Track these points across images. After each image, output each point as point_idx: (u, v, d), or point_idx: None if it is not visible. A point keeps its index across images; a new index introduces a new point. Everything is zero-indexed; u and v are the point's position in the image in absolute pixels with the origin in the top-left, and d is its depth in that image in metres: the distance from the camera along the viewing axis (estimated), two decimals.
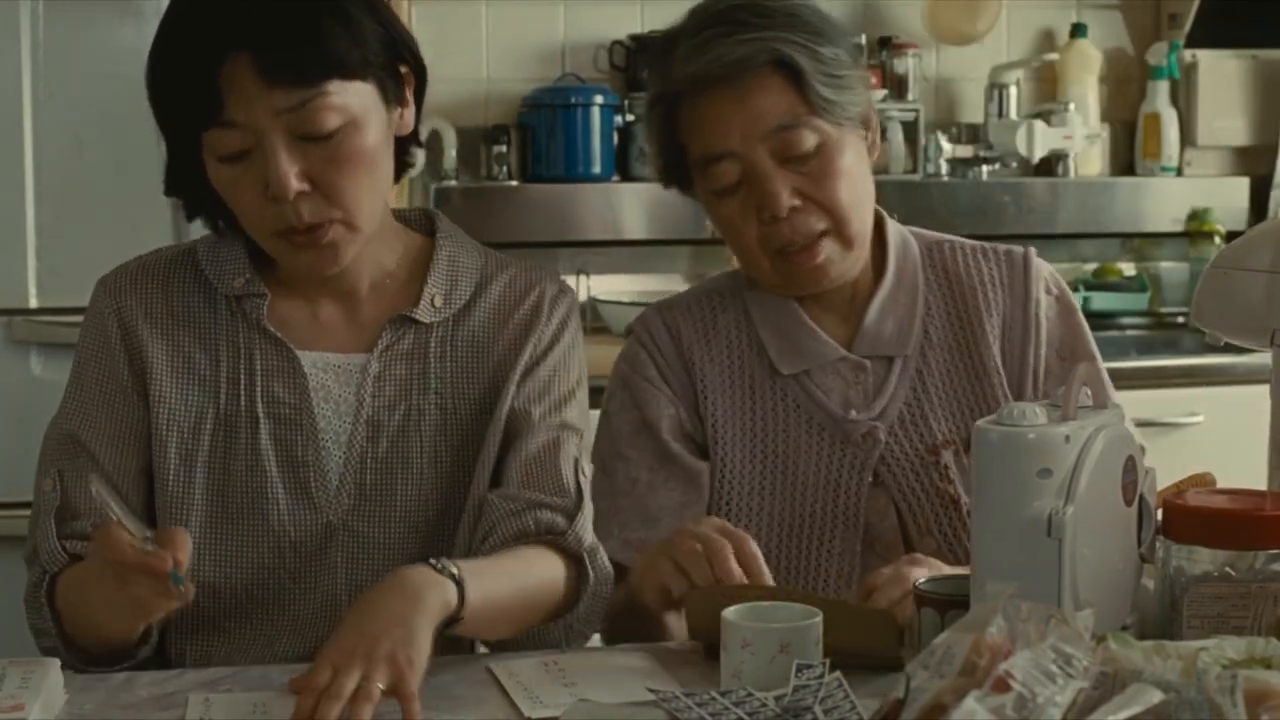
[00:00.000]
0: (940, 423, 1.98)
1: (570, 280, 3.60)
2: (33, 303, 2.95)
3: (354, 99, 1.70)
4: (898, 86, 3.87)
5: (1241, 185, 4.04)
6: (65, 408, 1.83)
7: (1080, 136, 3.90)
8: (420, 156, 3.60)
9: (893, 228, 2.05)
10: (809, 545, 1.96)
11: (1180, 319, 3.83)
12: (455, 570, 1.63)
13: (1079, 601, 1.54)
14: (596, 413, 2.01)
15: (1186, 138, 4.00)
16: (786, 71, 1.90)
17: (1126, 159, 4.07)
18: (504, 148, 3.69)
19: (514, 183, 3.70)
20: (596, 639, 1.85)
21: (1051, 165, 3.95)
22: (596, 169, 3.71)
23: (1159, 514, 1.66)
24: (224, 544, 1.80)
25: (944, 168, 3.88)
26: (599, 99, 3.68)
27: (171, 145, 1.76)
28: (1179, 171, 4.01)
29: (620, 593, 1.85)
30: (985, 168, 3.93)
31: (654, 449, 1.99)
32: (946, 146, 3.88)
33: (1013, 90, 3.93)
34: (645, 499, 1.98)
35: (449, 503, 1.82)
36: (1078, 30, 3.97)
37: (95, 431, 1.79)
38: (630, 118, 3.74)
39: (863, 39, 3.69)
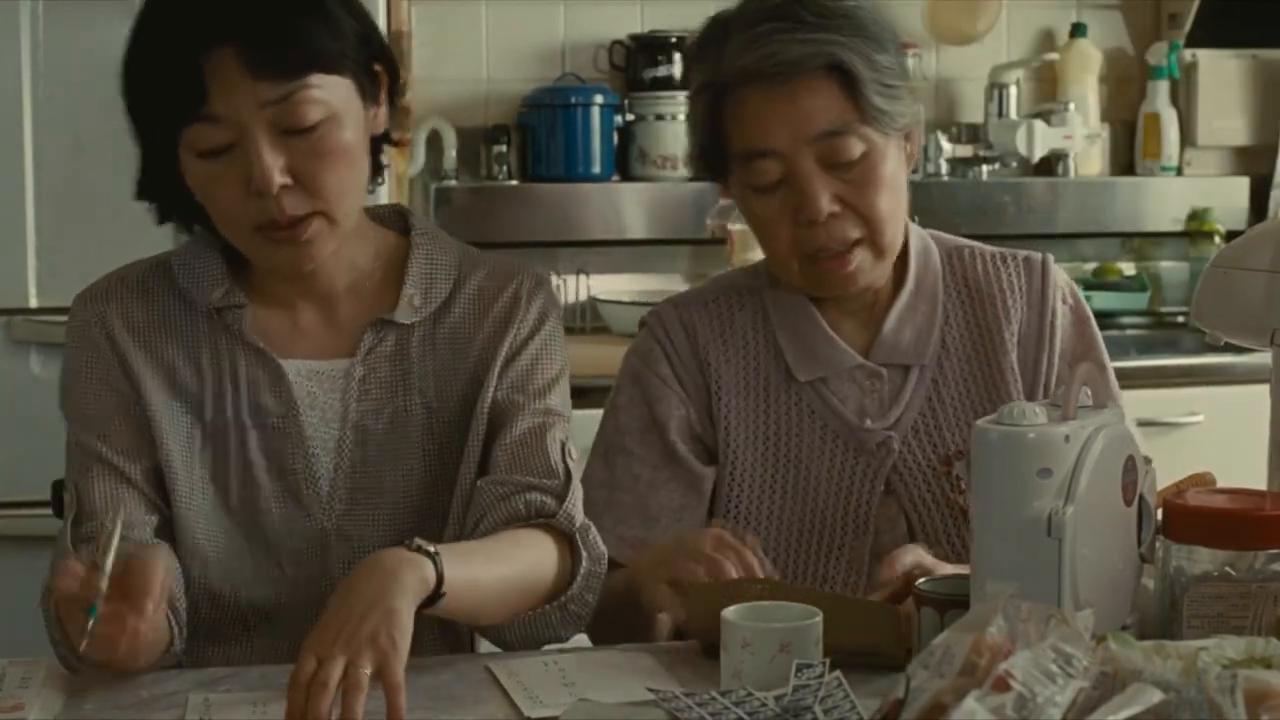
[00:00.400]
0: (954, 433, 1.97)
1: (570, 280, 3.67)
2: (33, 303, 2.95)
3: (334, 93, 1.71)
4: None
5: (1241, 185, 4.03)
6: (70, 424, 1.82)
7: (1080, 136, 3.90)
8: (420, 156, 3.62)
9: (915, 234, 2.03)
10: (817, 552, 1.96)
11: (1180, 319, 3.82)
12: (431, 548, 1.62)
13: (1079, 601, 1.54)
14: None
15: (1186, 138, 4.00)
16: (841, 76, 1.88)
17: (1126, 159, 4.07)
18: (504, 148, 3.69)
19: (514, 183, 3.70)
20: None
21: (1051, 165, 3.94)
22: (596, 169, 3.70)
23: (1159, 514, 1.66)
24: (225, 554, 1.80)
25: (944, 168, 3.88)
26: (599, 99, 3.68)
27: (147, 145, 1.75)
28: (1179, 171, 4.01)
29: (614, 582, 1.84)
30: (985, 168, 3.93)
31: (660, 448, 1.99)
32: (946, 146, 3.88)
33: (1013, 90, 3.93)
34: (646, 497, 1.97)
35: (437, 499, 1.82)
36: (1078, 30, 3.96)
37: (102, 435, 1.79)
38: (630, 117, 3.74)
39: None
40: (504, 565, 1.72)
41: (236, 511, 1.80)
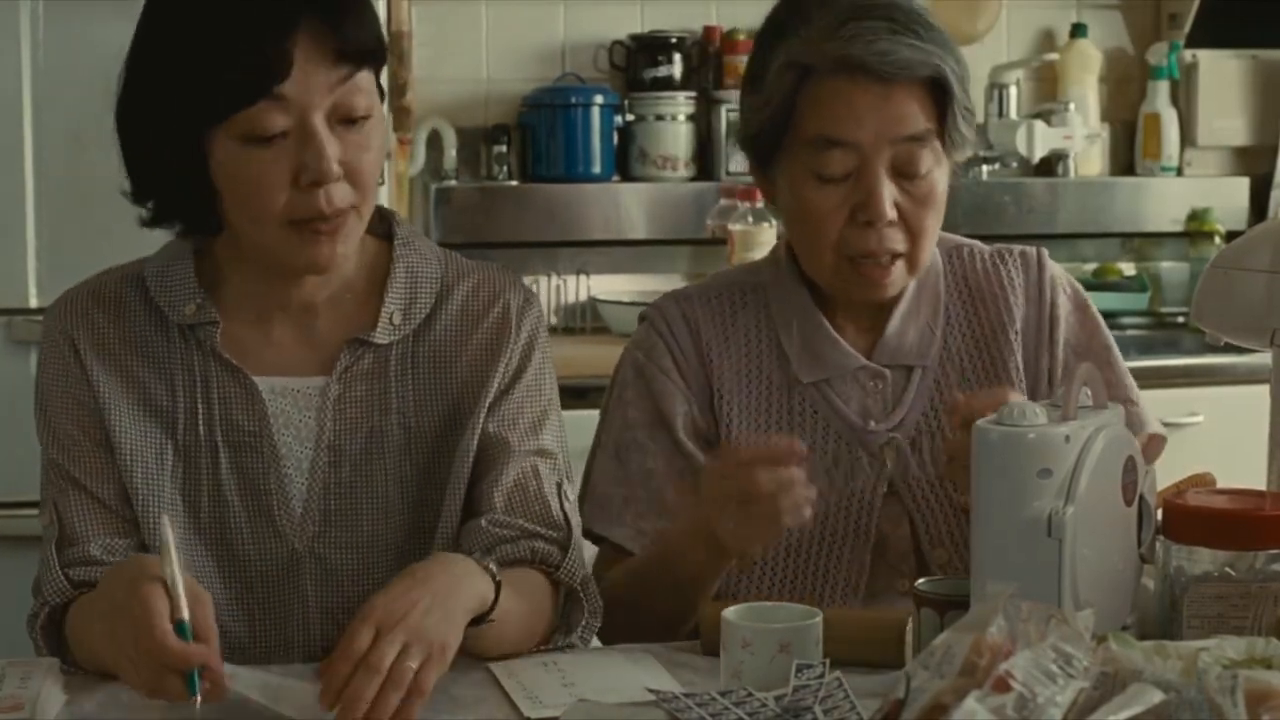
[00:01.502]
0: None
1: (570, 280, 3.67)
2: (33, 303, 2.95)
3: (372, 84, 1.71)
4: None
5: (1241, 185, 4.04)
6: (43, 438, 1.79)
7: (1080, 136, 3.90)
8: (420, 156, 3.62)
9: None
10: (818, 553, 1.95)
11: (1180, 319, 3.83)
12: (494, 568, 1.62)
13: (1079, 601, 1.54)
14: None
15: (1186, 138, 4.00)
16: (937, 91, 1.89)
17: (1126, 159, 4.07)
18: (504, 148, 3.69)
19: (514, 183, 3.70)
20: (596, 640, 1.85)
21: (1051, 165, 3.94)
22: (596, 169, 3.71)
23: (1159, 514, 1.66)
24: (193, 575, 1.71)
25: None
26: (599, 99, 3.68)
27: (165, 138, 1.68)
28: (1179, 171, 4.01)
29: (626, 571, 1.85)
30: (985, 168, 3.93)
31: (670, 441, 1.97)
32: None
33: (1013, 90, 3.93)
34: (663, 489, 1.96)
35: (417, 524, 1.79)
36: (1078, 30, 3.97)
37: (75, 459, 1.75)
38: (630, 117, 3.74)
39: None
40: (526, 601, 1.70)
41: (206, 531, 1.76)
